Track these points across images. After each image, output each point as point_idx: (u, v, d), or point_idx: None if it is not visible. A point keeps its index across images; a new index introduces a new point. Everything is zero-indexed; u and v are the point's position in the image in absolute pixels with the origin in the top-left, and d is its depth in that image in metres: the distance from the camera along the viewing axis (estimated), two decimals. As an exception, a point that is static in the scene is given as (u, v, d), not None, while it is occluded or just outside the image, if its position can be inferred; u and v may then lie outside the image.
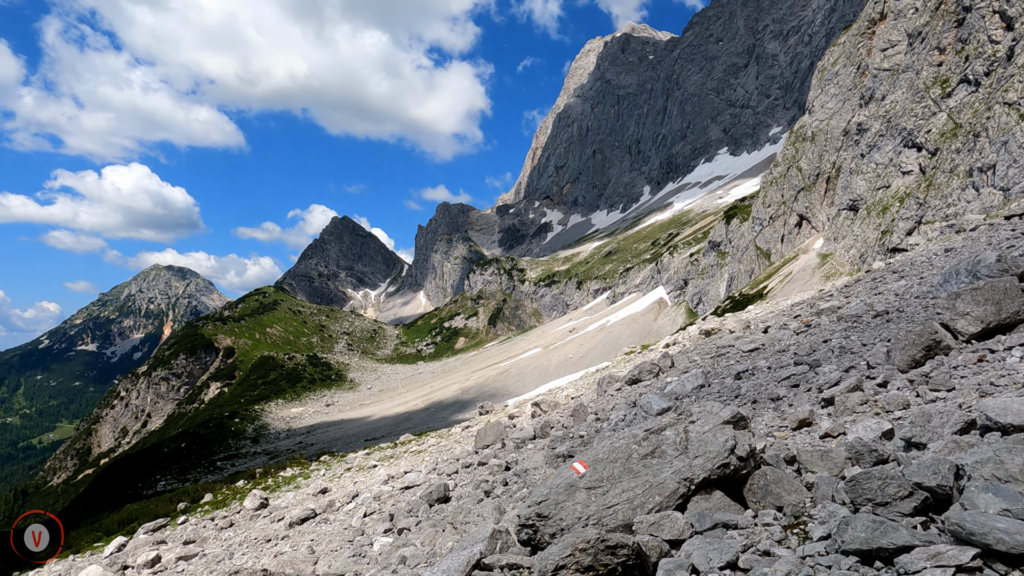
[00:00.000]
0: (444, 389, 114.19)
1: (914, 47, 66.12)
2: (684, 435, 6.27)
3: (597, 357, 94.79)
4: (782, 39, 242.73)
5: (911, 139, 60.85)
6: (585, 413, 15.33)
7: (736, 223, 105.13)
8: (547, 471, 11.90)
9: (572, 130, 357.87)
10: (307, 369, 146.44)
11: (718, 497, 5.78)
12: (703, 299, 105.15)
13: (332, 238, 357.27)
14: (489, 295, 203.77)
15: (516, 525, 6.13)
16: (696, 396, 11.41)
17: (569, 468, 6.36)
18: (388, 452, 29.99)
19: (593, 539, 4.90)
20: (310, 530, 16.29)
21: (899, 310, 11.59)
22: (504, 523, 8.73)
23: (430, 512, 12.64)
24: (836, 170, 77.38)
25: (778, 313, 18.69)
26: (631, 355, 28.17)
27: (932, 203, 52.85)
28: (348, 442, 79.46)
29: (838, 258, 67.31)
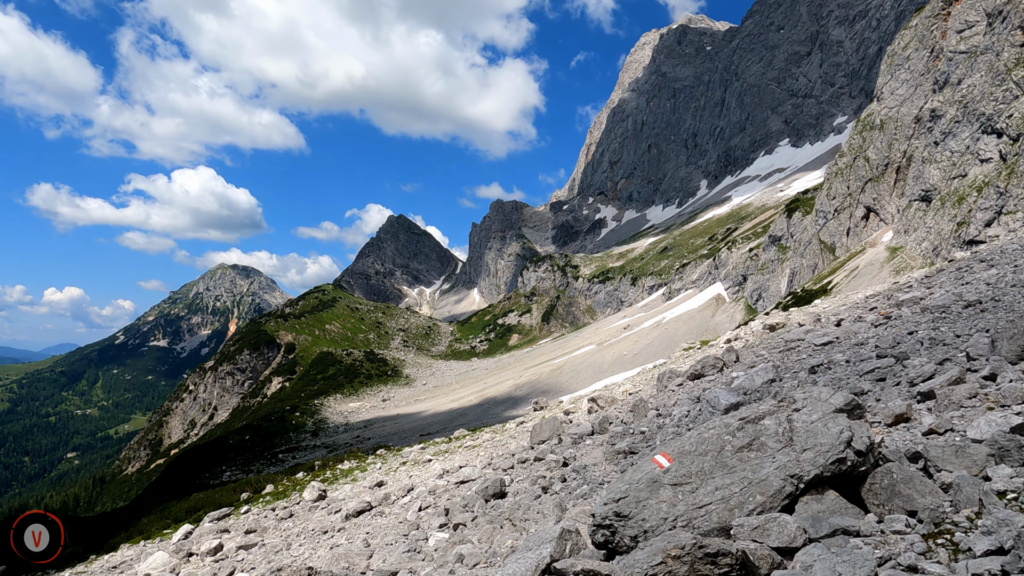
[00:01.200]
0: (497, 385, 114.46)
1: (994, 27, 62.25)
2: (787, 425, 5.57)
3: (652, 354, 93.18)
4: (848, 25, 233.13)
5: (990, 125, 57.32)
6: (645, 409, 14.83)
7: (798, 216, 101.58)
8: (608, 468, 11.53)
9: (627, 125, 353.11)
10: (364, 365, 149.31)
11: (832, 498, 5.05)
12: (763, 295, 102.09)
13: (388, 236, 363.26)
14: (542, 292, 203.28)
15: (590, 525, 5.52)
16: (767, 391, 10.80)
17: (650, 461, 5.74)
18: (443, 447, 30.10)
19: (689, 544, 4.22)
20: (366, 523, 16.33)
21: (995, 299, 10.62)
22: (571, 522, 8.22)
23: (486, 508, 12.46)
24: (907, 159, 73.66)
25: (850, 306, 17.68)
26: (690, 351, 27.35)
27: (1014, 192, 49.65)
28: (403, 436, 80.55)
29: (909, 251, 64.08)
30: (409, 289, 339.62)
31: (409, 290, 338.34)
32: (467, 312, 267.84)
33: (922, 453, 5.59)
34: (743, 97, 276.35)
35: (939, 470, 5.28)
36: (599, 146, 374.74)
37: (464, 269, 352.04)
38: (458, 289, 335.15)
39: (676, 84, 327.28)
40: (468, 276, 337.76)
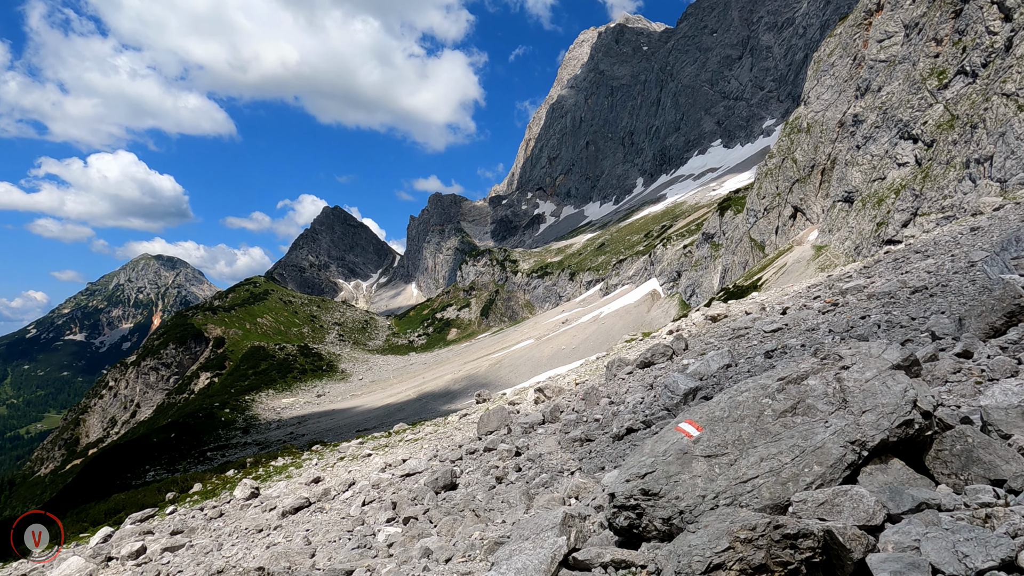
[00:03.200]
0: (436, 380, 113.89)
1: (911, 38, 66.01)
2: (837, 384, 4.92)
3: (590, 348, 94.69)
4: (776, 31, 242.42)
5: (907, 131, 60.82)
6: (597, 397, 15.03)
7: (730, 215, 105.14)
8: (564, 456, 11.55)
9: (565, 121, 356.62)
10: (298, 359, 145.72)
11: (897, 467, 4.51)
12: (696, 291, 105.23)
13: (323, 228, 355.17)
14: (481, 286, 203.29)
15: (609, 507, 4.82)
16: (723, 376, 11.11)
17: (674, 430, 5.10)
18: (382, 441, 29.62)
19: (762, 524, 3.60)
20: (305, 520, 15.84)
21: (942, 285, 11.30)
22: (574, 507, 7.68)
23: (437, 500, 12.21)
24: (831, 162, 77.34)
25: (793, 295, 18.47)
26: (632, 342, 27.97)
27: (928, 195, 52.87)
28: (340, 432, 79.14)
29: (833, 250, 67.37)
30: (345, 282, 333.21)
31: (345, 283, 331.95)
32: (405, 306, 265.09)
33: (983, 416, 5.08)
34: (678, 97, 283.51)
35: (1005, 435, 4.75)
36: (538, 142, 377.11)
37: (402, 263, 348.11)
38: (396, 283, 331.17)
39: (614, 82, 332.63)
40: (406, 270, 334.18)
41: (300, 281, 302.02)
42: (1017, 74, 45.45)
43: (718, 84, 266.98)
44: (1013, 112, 44.56)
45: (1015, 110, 44.47)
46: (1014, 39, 48.66)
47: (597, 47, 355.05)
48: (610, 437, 11.11)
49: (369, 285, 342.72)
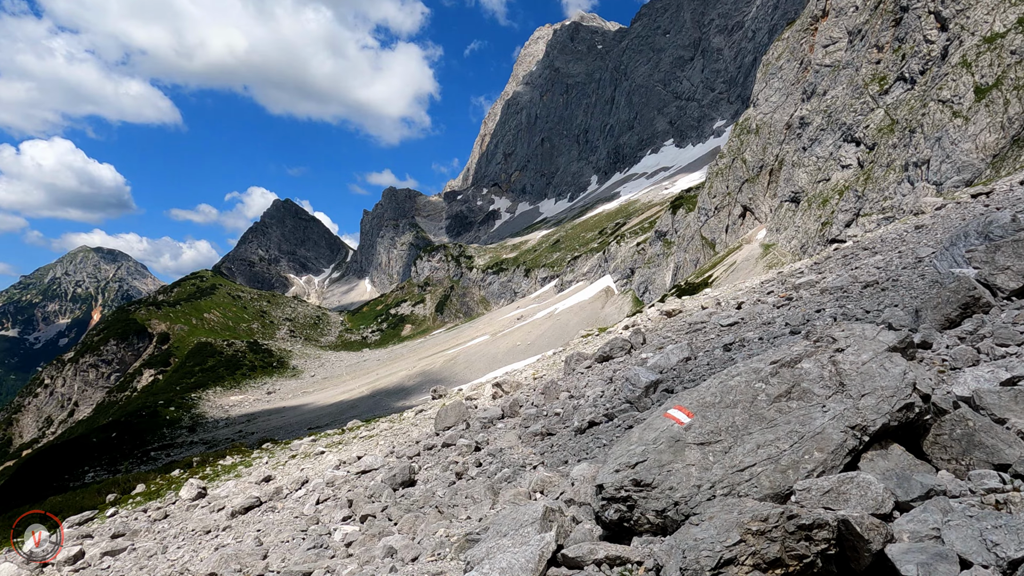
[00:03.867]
0: (390, 376, 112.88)
1: (854, 44, 68.47)
2: (832, 367, 4.77)
3: (545, 344, 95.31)
4: (727, 34, 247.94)
5: (851, 134, 63.14)
6: (557, 391, 15.14)
7: (682, 213, 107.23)
8: (525, 450, 11.55)
9: (520, 117, 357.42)
10: (247, 356, 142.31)
11: (898, 453, 4.38)
12: (649, 288, 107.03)
13: (273, 222, 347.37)
14: (436, 282, 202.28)
15: (597, 499, 4.56)
16: (683, 369, 11.33)
17: (663, 417, 4.89)
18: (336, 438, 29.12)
19: (774, 514, 3.38)
20: (255, 520, 15.29)
21: (893, 280, 11.79)
22: (552, 500, 7.31)
23: (395, 497, 11.88)
24: (779, 163, 79.70)
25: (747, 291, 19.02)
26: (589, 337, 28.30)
27: (870, 196, 55.03)
28: (291, 430, 77.74)
29: (780, 248, 69.50)
30: (296, 277, 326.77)
31: (296, 278, 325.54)
32: (358, 302, 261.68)
33: (972, 399, 4.94)
34: (632, 97, 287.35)
35: (1000, 420, 4.62)
36: (493, 137, 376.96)
37: (355, 257, 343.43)
38: (349, 278, 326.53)
39: (569, 80, 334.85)
40: (359, 265, 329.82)
41: (249, 275, 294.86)
42: (952, 82, 47.68)
43: (671, 84, 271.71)
44: (948, 118, 46.75)
45: (950, 116, 46.67)
46: (949, 48, 51.04)
47: (552, 44, 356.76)
48: (572, 431, 11.18)
49: (321, 280, 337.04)
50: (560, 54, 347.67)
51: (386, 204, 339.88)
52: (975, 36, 47.96)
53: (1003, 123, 42.19)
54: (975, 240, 8.36)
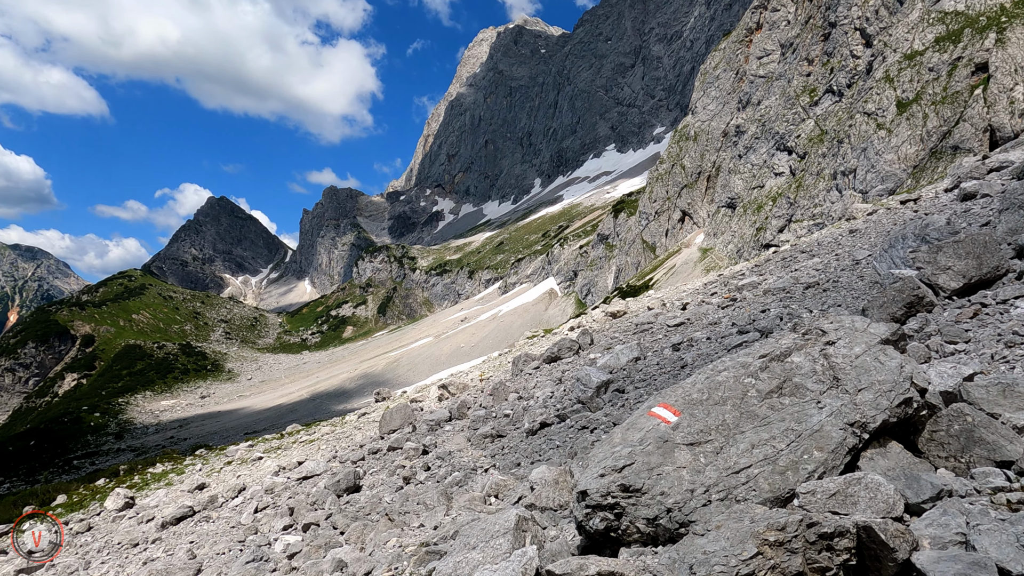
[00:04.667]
0: (331, 379, 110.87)
1: (786, 57, 71.37)
2: (824, 361, 4.57)
3: (489, 346, 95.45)
4: (666, 43, 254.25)
5: (783, 143, 65.76)
6: (505, 392, 15.18)
7: (624, 217, 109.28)
8: (475, 453, 11.48)
9: (464, 119, 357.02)
10: (179, 359, 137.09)
11: (897, 451, 4.19)
12: (592, 290, 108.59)
13: (208, 220, 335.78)
14: (379, 283, 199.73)
15: (580, 507, 4.22)
16: (633, 368, 11.55)
17: (647, 416, 4.63)
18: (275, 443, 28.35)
19: (792, 523, 3.11)
20: (188, 531, 14.51)
21: (834, 281, 12.38)
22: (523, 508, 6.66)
23: (340, 504, 11.49)
24: (716, 169, 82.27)
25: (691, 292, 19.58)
26: (534, 339, 28.54)
27: (801, 203, 57.42)
28: (227, 435, 75.37)
29: (717, 252, 71.70)
30: (232, 277, 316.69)
31: (232, 278, 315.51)
32: (298, 303, 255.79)
33: (960, 394, 4.78)
34: (574, 101, 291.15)
35: (991, 415, 4.48)
36: (437, 138, 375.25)
37: (294, 258, 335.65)
38: (288, 279, 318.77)
39: (512, 83, 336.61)
40: (299, 265, 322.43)
41: (182, 275, 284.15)
42: (877, 95, 50.31)
43: (612, 90, 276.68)
44: (873, 130, 49.29)
45: (875, 128, 49.21)
46: (874, 63, 53.84)
47: (496, 47, 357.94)
48: (523, 432, 11.19)
49: (259, 280, 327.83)
50: (504, 57, 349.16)
51: (327, 203, 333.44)
52: (897, 53, 50.75)
53: (922, 136, 44.78)
54: (912, 242, 8.84)
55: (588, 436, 8.90)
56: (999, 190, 12.95)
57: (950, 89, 44.17)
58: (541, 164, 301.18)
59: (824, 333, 4.94)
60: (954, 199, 14.73)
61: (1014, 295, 7.04)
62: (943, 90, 44.61)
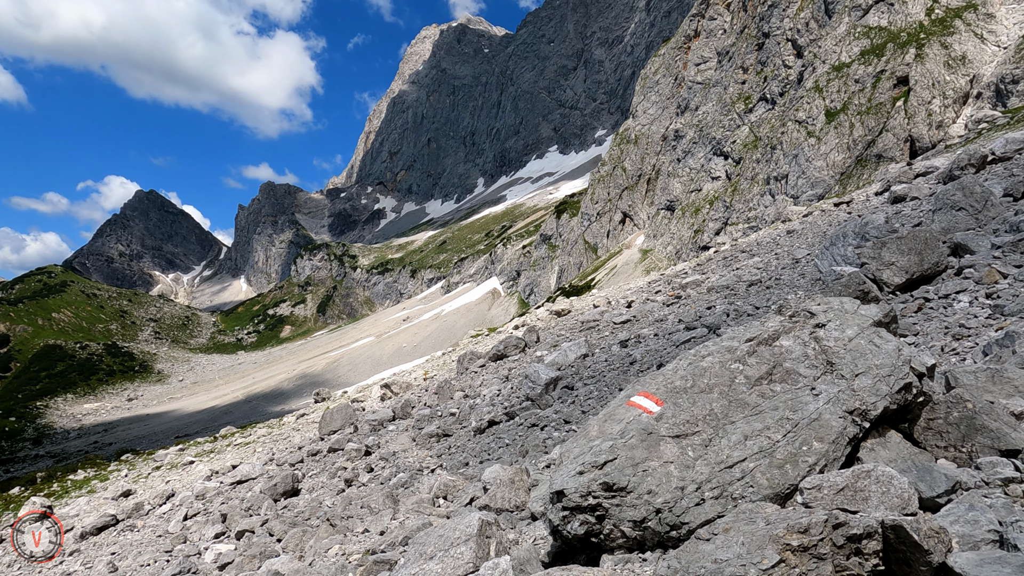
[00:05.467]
0: (268, 380, 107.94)
1: (723, 64, 73.66)
2: (816, 345, 4.29)
3: (432, 346, 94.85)
4: (608, 47, 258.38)
5: (720, 148, 67.85)
6: (451, 390, 15.11)
7: (566, 218, 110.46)
8: (421, 453, 11.37)
9: (407, 116, 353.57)
10: (104, 360, 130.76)
11: (897, 441, 3.97)
12: (535, 290, 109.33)
13: (136, 214, 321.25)
14: (318, 282, 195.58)
15: (556, 510, 3.80)
16: (582, 365, 11.68)
17: (627, 406, 4.28)
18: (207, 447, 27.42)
19: (818, 524, 2.79)
20: (110, 541, 13.82)
21: (776, 278, 12.86)
22: (444, 508, 6.88)
23: (277, 509, 11.10)
24: (656, 172, 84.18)
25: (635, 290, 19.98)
26: (479, 337, 28.54)
27: (737, 207, 59.38)
28: (156, 439, 72.51)
29: (657, 253, 73.39)
30: (163, 275, 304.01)
31: (163, 276, 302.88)
32: (233, 301, 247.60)
33: (948, 382, 4.62)
34: (517, 102, 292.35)
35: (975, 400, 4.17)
36: (379, 135, 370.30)
37: (229, 255, 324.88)
38: (222, 276, 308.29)
39: (455, 81, 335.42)
40: (234, 262, 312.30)
41: (108, 272, 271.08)
42: (807, 104, 52.51)
43: (555, 92, 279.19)
44: (804, 137, 51.43)
45: (805, 135, 51.36)
46: (804, 73, 56.17)
47: (439, 45, 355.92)
48: (470, 431, 11.17)
49: (191, 278, 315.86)
50: (447, 55, 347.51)
51: (264, 199, 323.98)
52: (826, 64, 53.12)
53: (849, 144, 47.02)
54: (853, 240, 9.28)
55: (538, 434, 8.96)
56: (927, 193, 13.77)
57: (874, 100, 46.54)
58: (484, 164, 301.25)
59: (812, 315, 4.65)
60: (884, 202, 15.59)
61: (955, 290, 7.36)
62: (868, 101, 46.98)
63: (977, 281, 7.38)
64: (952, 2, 48.03)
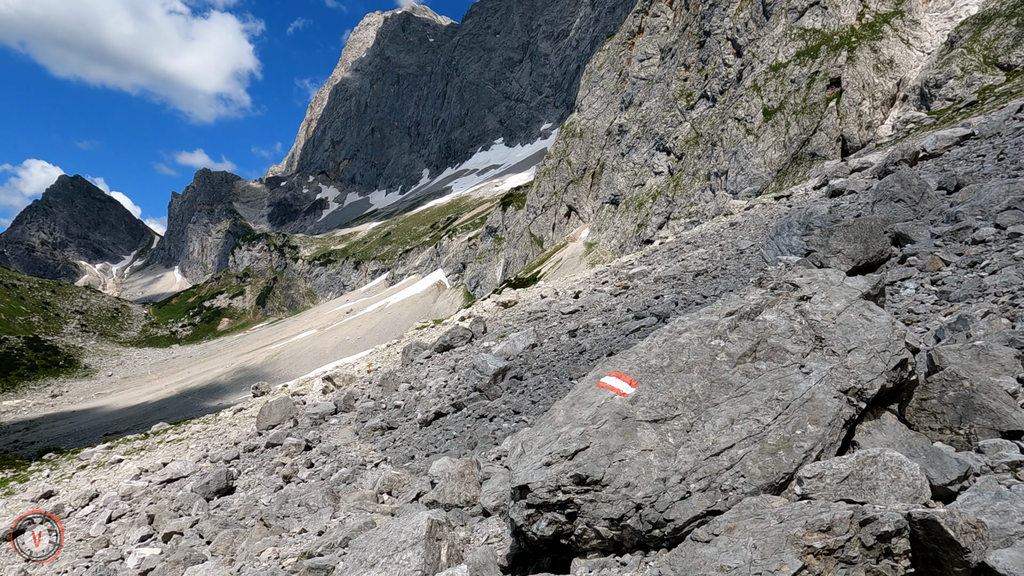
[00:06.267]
0: (204, 374, 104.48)
1: (666, 61, 74.97)
2: (803, 319, 4.00)
3: (376, 338, 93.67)
4: (553, 40, 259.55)
5: (662, 143, 69.13)
6: (396, 382, 14.91)
7: (512, 210, 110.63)
8: (364, 447, 11.10)
9: (350, 104, 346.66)
10: (25, 354, 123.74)
11: (892, 422, 3.73)
12: (481, 282, 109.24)
13: (60, 201, 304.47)
14: (258, 273, 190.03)
15: (520, 507, 3.38)
16: (531, 355, 11.66)
17: (597, 387, 3.93)
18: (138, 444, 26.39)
19: (843, 520, 2.44)
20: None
21: (722, 268, 13.17)
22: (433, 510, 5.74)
23: (209, 508, 10.59)
24: (600, 166, 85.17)
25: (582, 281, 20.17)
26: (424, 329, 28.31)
27: (679, 201, 60.68)
28: (83, 437, 69.21)
29: (601, 247, 74.34)
30: (89, 265, 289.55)
31: (90, 266, 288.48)
32: (166, 293, 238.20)
33: (928, 361, 4.44)
34: (463, 93, 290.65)
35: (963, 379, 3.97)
36: (321, 123, 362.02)
37: (162, 244, 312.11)
38: (155, 267, 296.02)
39: (400, 71, 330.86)
40: (167, 253, 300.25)
41: (28, 262, 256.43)
42: (746, 102, 54.01)
43: (500, 84, 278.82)
44: (743, 135, 52.91)
45: (744, 133, 52.84)
46: (744, 72, 57.74)
47: (383, 32, 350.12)
48: (416, 423, 11.00)
49: (121, 268, 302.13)
50: (391, 43, 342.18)
51: (199, 187, 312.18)
52: (763, 64, 54.73)
53: (785, 142, 48.64)
54: (798, 230, 9.55)
55: (487, 425, 8.89)
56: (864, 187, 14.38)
57: (809, 100, 48.26)
58: (430, 155, 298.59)
59: (796, 287, 4.37)
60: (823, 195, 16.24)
61: (900, 277, 7.62)
62: (803, 101, 48.68)
63: (921, 269, 7.67)
64: (881, 8, 50.22)
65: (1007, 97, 27.12)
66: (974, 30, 43.40)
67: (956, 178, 10.17)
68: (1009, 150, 11.63)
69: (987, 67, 40.05)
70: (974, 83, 39.42)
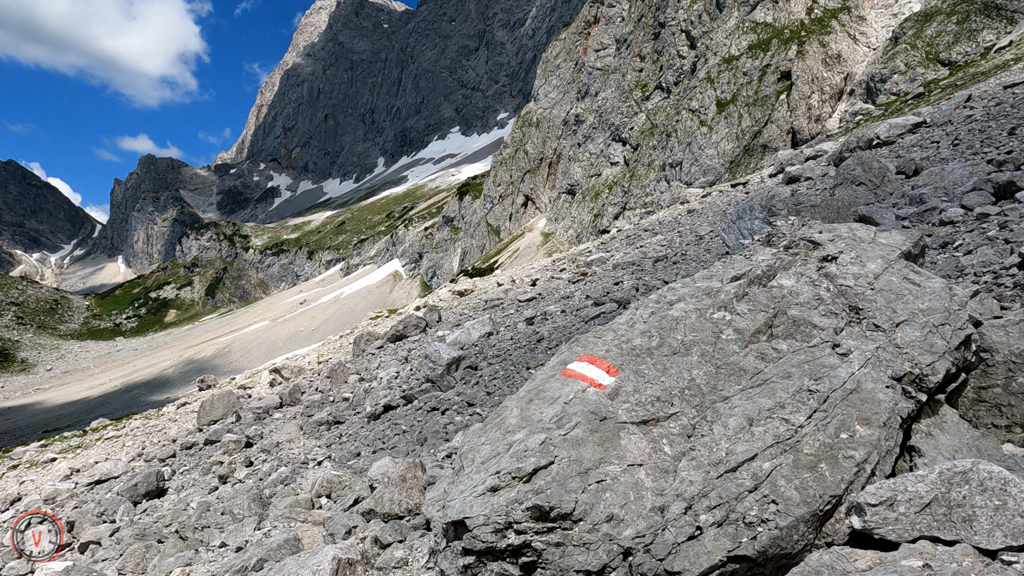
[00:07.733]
0: (150, 368, 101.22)
1: (621, 52, 75.31)
2: (830, 284, 3.17)
3: (331, 329, 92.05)
4: (509, 29, 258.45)
5: (618, 134, 69.52)
6: (345, 374, 14.45)
7: (468, 200, 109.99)
8: (309, 443, 10.60)
9: (302, 90, 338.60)
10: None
11: (953, 420, 2.83)
12: (438, 272, 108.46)
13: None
14: (207, 263, 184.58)
15: (452, 554, 2.40)
16: (486, 344, 11.37)
17: (562, 376, 2.95)
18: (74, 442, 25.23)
19: None
20: None
21: (682, 254, 13.14)
22: (327, 523, 5.24)
23: (135, 513, 9.86)
24: (557, 156, 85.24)
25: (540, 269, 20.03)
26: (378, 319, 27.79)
27: (635, 192, 61.17)
28: (19, 434, 66.30)
29: (558, 237, 74.51)
30: (25, 254, 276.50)
31: (26, 255, 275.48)
32: (109, 284, 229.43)
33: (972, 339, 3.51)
34: (419, 80, 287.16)
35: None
36: (271, 109, 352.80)
37: (104, 233, 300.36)
38: (97, 256, 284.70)
39: (354, 56, 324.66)
40: (110, 241, 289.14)
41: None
42: (700, 94, 54.64)
43: (456, 72, 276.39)
44: (697, 126, 53.55)
45: (698, 124, 53.49)
46: (698, 64, 58.39)
47: (336, 17, 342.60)
48: (364, 417, 10.57)
49: (60, 258, 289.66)
50: (344, 28, 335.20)
51: (143, 174, 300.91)
52: (717, 56, 55.43)
53: (738, 134, 49.42)
54: (760, 214, 9.49)
55: (439, 418, 8.56)
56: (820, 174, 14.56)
57: (760, 93, 49.09)
58: (385, 143, 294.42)
59: (817, 245, 3.53)
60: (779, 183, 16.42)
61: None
62: (755, 93, 49.50)
63: (891, 250, 7.61)
64: (829, 3, 51.36)
65: (952, 89, 28.00)
66: (917, 27, 44.75)
67: (914, 163, 10.28)
68: (963, 136, 11.87)
69: (929, 63, 41.36)
70: (917, 78, 40.68)
